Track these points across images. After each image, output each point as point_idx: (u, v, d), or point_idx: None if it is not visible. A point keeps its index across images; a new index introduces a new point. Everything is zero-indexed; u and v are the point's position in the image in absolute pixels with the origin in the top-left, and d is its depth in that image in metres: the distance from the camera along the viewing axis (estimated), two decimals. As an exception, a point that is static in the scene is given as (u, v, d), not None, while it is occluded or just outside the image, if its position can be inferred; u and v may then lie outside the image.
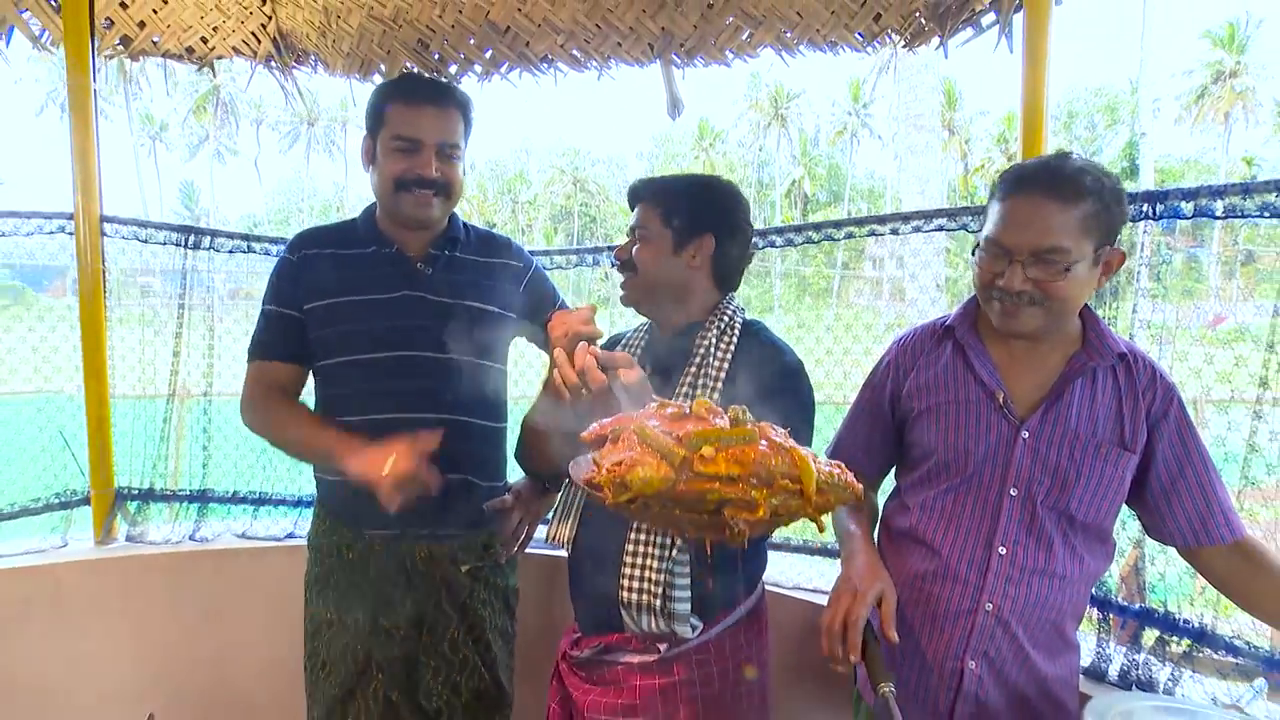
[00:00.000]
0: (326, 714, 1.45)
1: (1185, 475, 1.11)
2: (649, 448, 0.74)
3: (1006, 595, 1.12)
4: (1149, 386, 1.12)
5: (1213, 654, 1.24)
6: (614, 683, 1.27)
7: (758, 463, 0.72)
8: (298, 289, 1.46)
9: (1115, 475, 1.11)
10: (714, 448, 0.73)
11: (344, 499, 1.46)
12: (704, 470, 0.72)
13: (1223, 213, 1.24)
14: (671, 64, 2.22)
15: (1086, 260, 1.05)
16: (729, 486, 0.72)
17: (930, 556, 1.18)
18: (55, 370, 2.09)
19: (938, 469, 1.19)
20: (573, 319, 1.14)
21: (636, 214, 1.34)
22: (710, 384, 1.24)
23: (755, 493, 0.72)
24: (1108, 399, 1.13)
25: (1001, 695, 1.14)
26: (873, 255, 22.08)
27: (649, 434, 0.75)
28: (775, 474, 0.72)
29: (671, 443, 0.73)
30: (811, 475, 0.73)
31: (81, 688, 1.92)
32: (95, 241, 1.95)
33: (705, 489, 0.72)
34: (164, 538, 2.05)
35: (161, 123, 46.37)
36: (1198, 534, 1.10)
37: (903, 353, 1.29)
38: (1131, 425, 1.11)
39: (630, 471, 0.72)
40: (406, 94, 1.43)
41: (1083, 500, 1.11)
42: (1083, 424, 1.11)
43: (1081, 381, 1.13)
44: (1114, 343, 1.14)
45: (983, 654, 1.13)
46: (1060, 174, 1.05)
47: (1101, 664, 1.37)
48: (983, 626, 1.13)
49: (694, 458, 0.73)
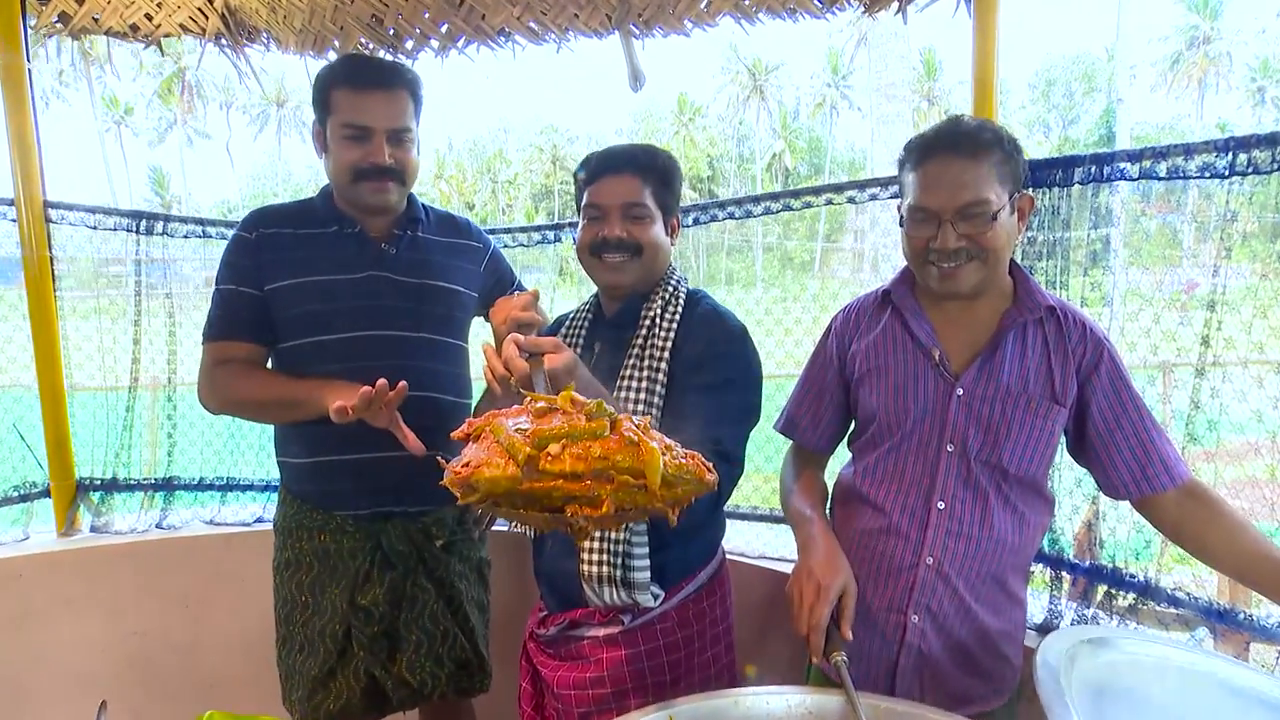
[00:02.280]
0: (309, 695, 1.45)
1: (1122, 426, 1.13)
2: (500, 446, 0.74)
3: (946, 549, 1.15)
4: (1080, 341, 1.14)
5: (1156, 606, 1.28)
6: (580, 657, 1.28)
7: (602, 458, 0.72)
8: (259, 268, 1.43)
9: (1045, 428, 1.13)
10: (560, 445, 0.73)
11: (312, 481, 1.47)
12: (549, 468, 0.72)
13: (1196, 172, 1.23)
14: (630, 35, 2.18)
15: (1005, 208, 1.10)
16: (573, 484, 0.72)
17: (875, 514, 1.21)
18: (10, 361, 2.05)
19: (880, 430, 1.22)
20: (514, 304, 1.13)
21: (624, 188, 1.28)
22: (657, 354, 1.25)
23: (600, 489, 0.72)
24: (1038, 354, 1.15)
25: (943, 647, 1.16)
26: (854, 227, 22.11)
27: (500, 432, 0.75)
28: (619, 469, 0.72)
29: (519, 441, 0.73)
30: (656, 469, 0.72)
31: (48, 680, 1.91)
32: (39, 228, 1.89)
33: (550, 487, 0.72)
34: (130, 527, 2.03)
35: (126, 106, 45.07)
36: (1139, 483, 1.12)
37: (845, 321, 1.31)
38: (1061, 378, 1.13)
39: (476, 472, 0.73)
40: (352, 78, 1.39)
41: (1014, 453, 1.13)
42: (1014, 379, 1.14)
43: (1013, 337, 1.15)
44: (1042, 297, 1.16)
45: (925, 607, 1.16)
46: (962, 133, 1.11)
47: (1054, 619, 1.41)
48: (924, 580, 1.16)
49: (540, 456, 0.73)
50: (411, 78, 1.45)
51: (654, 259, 1.30)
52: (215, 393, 1.44)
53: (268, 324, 1.44)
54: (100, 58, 2.67)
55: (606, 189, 1.28)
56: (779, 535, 1.88)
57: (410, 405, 1.33)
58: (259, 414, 1.53)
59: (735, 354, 1.26)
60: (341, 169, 1.40)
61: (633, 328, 1.29)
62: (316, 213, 1.48)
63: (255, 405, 1.45)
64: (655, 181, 1.30)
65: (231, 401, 1.45)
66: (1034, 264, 1.41)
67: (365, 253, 1.45)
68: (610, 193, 1.28)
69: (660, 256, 1.32)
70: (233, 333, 1.44)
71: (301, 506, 1.48)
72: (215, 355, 1.44)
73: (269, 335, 1.45)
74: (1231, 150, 1.17)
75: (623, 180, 1.28)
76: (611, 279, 1.30)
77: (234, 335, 1.43)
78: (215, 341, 1.44)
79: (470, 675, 1.53)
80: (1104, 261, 1.39)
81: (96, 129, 43.16)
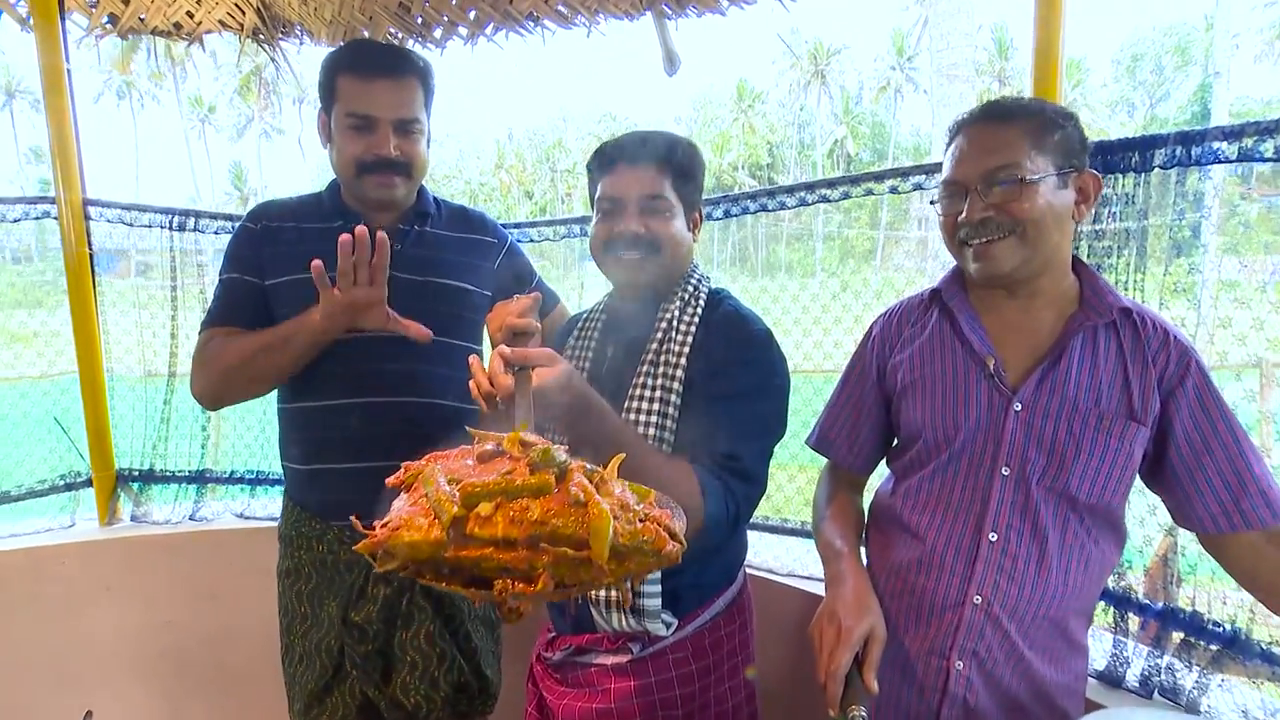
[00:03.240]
0: (305, 709, 1.42)
1: (1212, 450, 0.96)
2: (426, 502, 0.62)
3: (998, 587, 1.01)
4: (1160, 350, 0.98)
5: (1245, 662, 1.10)
6: (588, 685, 1.20)
7: (539, 523, 0.59)
8: (260, 260, 1.38)
9: (1122, 450, 0.98)
10: (492, 505, 0.60)
11: (310, 489, 1.43)
12: (479, 533, 0.59)
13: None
14: (663, 15, 2.06)
15: (1048, 180, 0.97)
16: (504, 553, 0.59)
17: (915, 545, 1.07)
18: (57, 353, 2.12)
19: (925, 449, 1.08)
20: (511, 310, 1.04)
21: (641, 179, 1.17)
22: (673, 360, 1.14)
23: (536, 560, 0.59)
24: (1111, 364, 0.99)
25: (993, 701, 1.02)
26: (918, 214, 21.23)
27: (429, 484, 0.63)
28: (558, 537, 0.59)
29: (446, 498, 0.61)
30: (604, 539, 0.58)
31: (89, 663, 1.97)
32: (79, 226, 1.93)
33: (479, 555, 0.60)
34: (165, 518, 2.08)
35: (210, 105, 47.57)
36: (1230, 517, 0.95)
37: (888, 325, 1.17)
38: (1141, 393, 0.97)
39: (394, 536, 0.60)
40: (357, 65, 1.32)
41: (1084, 479, 0.98)
42: (1083, 393, 0.99)
43: (1081, 344, 1.00)
44: (1114, 298, 1.01)
45: (971, 652, 1.02)
46: (995, 104, 1.04)
47: (1119, 667, 1.23)
48: (970, 621, 1.02)
49: (469, 518, 0.60)
50: (421, 66, 1.37)
51: (674, 256, 1.18)
52: (205, 373, 1.34)
53: (266, 315, 1.36)
54: (180, 58, 2.69)
55: (622, 181, 1.17)
56: (811, 550, 1.74)
57: (415, 412, 1.28)
58: (249, 373, 1.34)
59: (757, 360, 1.14)
60: (345, 161, 1.34)
61: (648, 331, 1.18)
62: (322, 206, 1.43)
63: (242, 366, 1.31)
64: (675, 172, 1.18)
65: (220, 373, 1.32)
66: (1102, 260, 1.23)
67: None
68: (626, 185, 1.17)
69: (681, 253, 1.20)
70: (230, 320, 1.36)
71: (301, 514, 1.44)
72: (207, 340, 1.36)
73: (269, 324, 1.36)
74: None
75: (639, 171, 1.17)
76: (627, 277, 1.19)
77: (232, 323, 1.36)
78: (211, 328, 1.37)
79: (470, 699, 1.47)
80: (1191, 254, 1.19)
81: (184, 127, 45.79)
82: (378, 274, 1.18)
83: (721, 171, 43.11)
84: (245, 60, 40.46)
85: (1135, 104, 38.09)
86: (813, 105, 44.31)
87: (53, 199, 1.94)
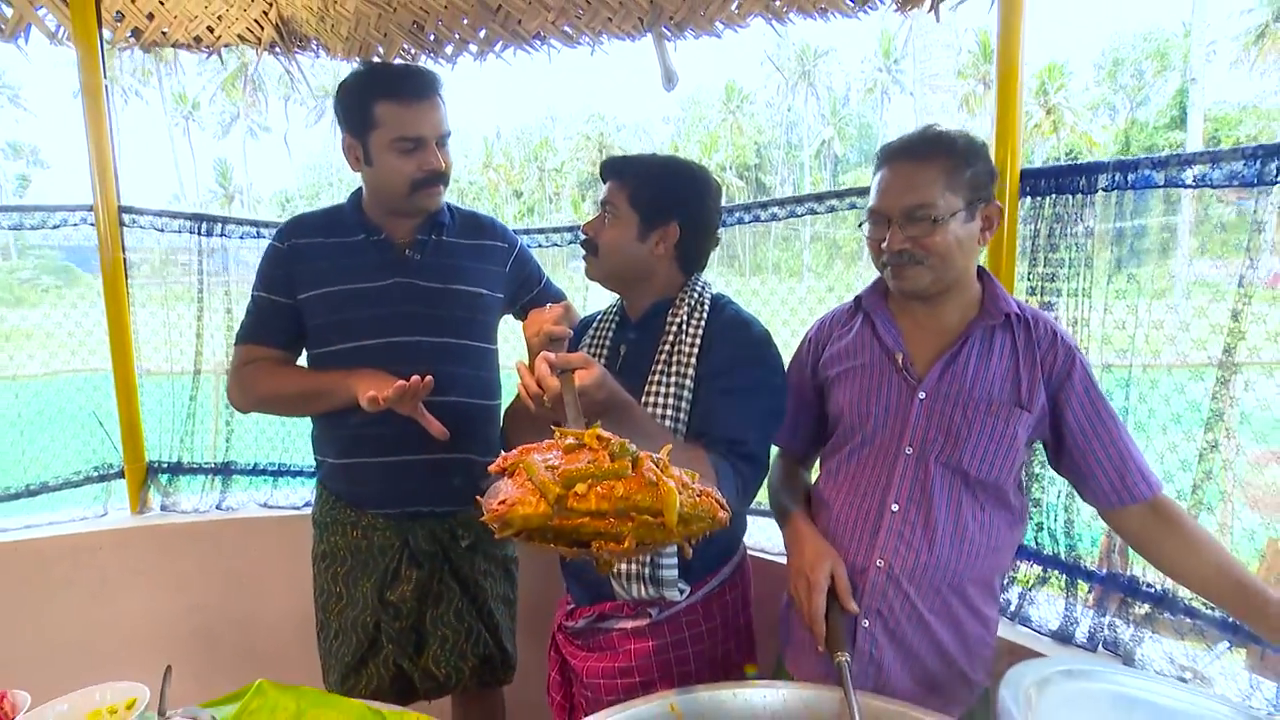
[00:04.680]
0: (342, 679, 1.55)
1: (1099, 435, 1.12)
2: (531, 484, 0.81)
3: (897, 552, 1.15)
4: (1050, 349, 1.15)
5: (1172, 617, 1.27)
6: (609, 648, 1.34)
7: (624, 498, 0.79)
8: (290, 277, 1.50)
9: (1008, 431, 1.13)
10: (586, 485, 0.79)
11: (345, 481, 1.55)
12: (577, 507, 0.79)
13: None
14: (663, 37, 2.21)
15: (958, 215, 1.11)
16: (598, 521, 0.79)
17: (832, 516, 1.23)
18: (90, 352, 2.23)
19: (844, 432, 1.25)
20: (546, 317, 1.17)
21: (606, 190, 1.34)
22: (684, 360, 1.28)
23: (622, 526, 0.79)
24: (1005, 360, 1.15)
25: (898, 659, 1.17)
26: (904, 217, 21.39)
27: (532, 470, 0.82)
28: (639, 509, 0.79)
29: (550, 481, 0.80)
30: (673, 509, 0.78)
31: (122, 645, 2.09)
32: (114, 231, 2.05)
33: (578, 524, 0.79)
34: (193, 507, 2.20)
35: (194, 101, 47.06)
36: (1119, 492, 1.12)
37: (821, 328, 1.35)
38: (1028, 385, 1.14)
39: (511, 510, 0.79)
40: (397, 91, 1.41)
41: (975, 456, 1.13)
42: (978, 383, 1.15)
43: (979, 342, 1.16)
44: (1005, 303, 1.17)
45: (876, 612, 1.16)
46: (915, 141, 1.16)
47: (1069, 627, 1.41)
48: (875, 583, 1.16)
49: (569, 495, 0.79)
50: (440, 81, 1.48)
51: (609, 258, 1.35)
52: (244, 391, 1.52)
53: (295, 331, 1.52)
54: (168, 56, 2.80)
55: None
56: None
57: (434, 409, 1.37)
58: (287, 407, 1.60)
59: (760, 358, 1.30)
60: (399, 181, 1.43)
61: (658, 332, 1.33)
62: (345, 221, 1.53)
63: (282, 399, 1.52)
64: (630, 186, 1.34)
65: (259, 397, 1.52)
66: (1056, 270, 1.40)
67: (388, 259, 1.49)
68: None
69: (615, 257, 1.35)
70: (261, 338, 1.51)
71: (336, 502, 1.55)
72: (244, 357, 1.52)
73: (296, 342, 1.53)
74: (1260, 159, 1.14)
75: (610, 184, 1.34)
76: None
77: (262, 340, 1.51)
78: (245, 344, 1.53)
79: (493, 669, 1.61)
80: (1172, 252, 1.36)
81: (167, 124, 45.31)
82: (418, 399, 1.32)
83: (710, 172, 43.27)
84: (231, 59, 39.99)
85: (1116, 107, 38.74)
86: (800, 106, 44.65)
87: (90, 206, 2.05)
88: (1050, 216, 1.39)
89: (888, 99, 42.54)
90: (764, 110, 46.38)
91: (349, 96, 1.44)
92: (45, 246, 2.11)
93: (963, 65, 22.12)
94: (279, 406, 1.61)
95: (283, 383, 1.49)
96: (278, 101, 47.83)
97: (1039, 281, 1.43)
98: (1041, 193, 1.41)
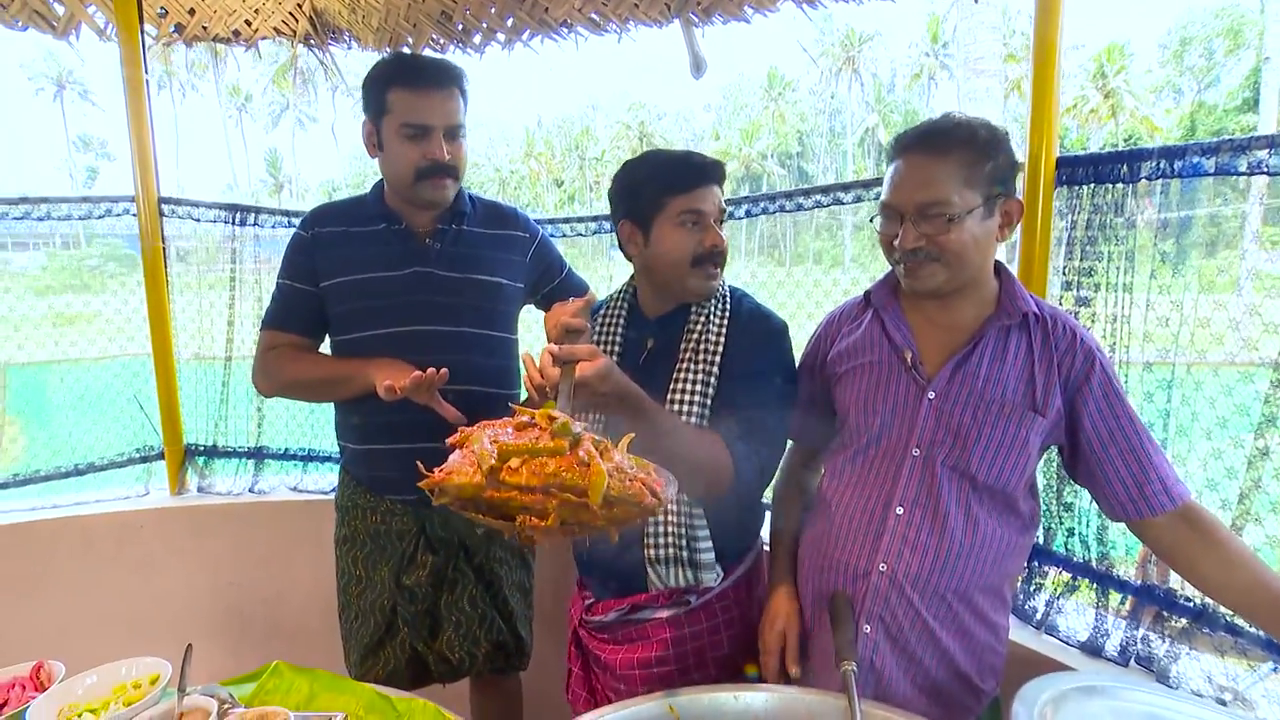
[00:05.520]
0: (361, 659, 1.59)
1: (1116, 442, 1.06)
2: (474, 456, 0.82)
3: (901, 558, 1.11)
4: (1068, 350, 1.08)
5: (1211, 634, 1.20)
6: (643, 638, 1.34)
7: (552, 475, 0.79)
8: (313, 265, 1.52)
9: (1019, 436, 1.08)
10: (520, 460, 0.80)
11: (365, 467, 1.58)
12: (509, 480, 0.80)
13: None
14: (690, 23, 2.17)
15: (975, 211, 1.05)
16: (526, 496, 0.79)
17: (834, 517, 1.19)
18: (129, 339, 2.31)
19: (850, 432, 1.20)
20: (566, 310, 1.17)
21: (717, 197, 1.30)
22: (710, 353, 1.29)
23: (547, 503, 0.79)
24: (1020, 361, 1.09)
25: (901, 665, 1.12)
26: (950, 206, 20.77)
27: (475, 442, 0.84)
28: (564, 486, 0.79)
29: (487, 453, 0.81)
30: (599, 490, 0.78)
31: (164, 618, 2.18)
32: (154, 223, 2.12)
33: (508, 497, 0.80)
34: (227, 489, 2.28)
35: (247, 94, 48.57)
36: (1137, 504, 1.05)
37: (830, 324, 1.31)
38: (1043, 388, 1.07)
39: (447, 478, 0.81)
40: (410, 79, 1.42)
41: (983, 460, 1.08)
42: (990, 385, 1.09)
43: (993, 342, 1.10)
44: (1023, 302, 1.10)
45: (878, 617, 1.12)
46: (933, 131, 1.09)
47: (1099, 639, 1.34)
48: (877, 588, 1.12)
49: (502, 468, 0.80)
50: (460, 74, 1.48)
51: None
52: (268, 375, 1.55)
53: (318, 318, 1.54)
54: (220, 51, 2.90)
55: (705, 196, 1.28)
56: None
57: (452, 398, 1.38)
58: (308, 393, 1.64)
59: (779, 348, 1.33)
60: (404, 167, 1.44)
61: (681, 327, 1.33)
62: (367, 210, 1.54)
63: (303, 385, 1.55)
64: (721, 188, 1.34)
65: (282, 382, 1.55)
66: (1094, 264, 1.32)
67: (409, 249, 1.50)
68: (708, 200, 1.28)
69: None
70: (285, 324, 1.54)
71: (357, 488, 1.59)
72: (268, 342, 1.55)
73: (319, 329, 1.56)
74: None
75: (714, 189, 1.30)
76: (709, 288, 1.31)
77: (285, 327, 1.54)
78: (269, 330, 1.56)
79: (506, 655, 1.62)
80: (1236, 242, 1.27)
81: (221, 116, 46.90)
82: (434, 389, 1.34)
83: (750, 160, 42.78)
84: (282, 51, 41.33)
85: (1182, 89, 36.77)
86: (844, 93, 43.65)
87: (132, 197, 2.13)
88: (1089, 207, 1.32)
89: (935, 85, 41.24)
90: (807, 97, 45.52)
91: (370, 82, 1.47)
92: (111, 235, 2.19)
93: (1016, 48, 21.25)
94: (301, 392, 1.64)
95: (305, 369, 1.52)
96: (325, 93, 49.01)
97: (1076, 276, 1.35)
98: (1079, 181, 1.33)
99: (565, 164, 48.91)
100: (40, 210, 2.09)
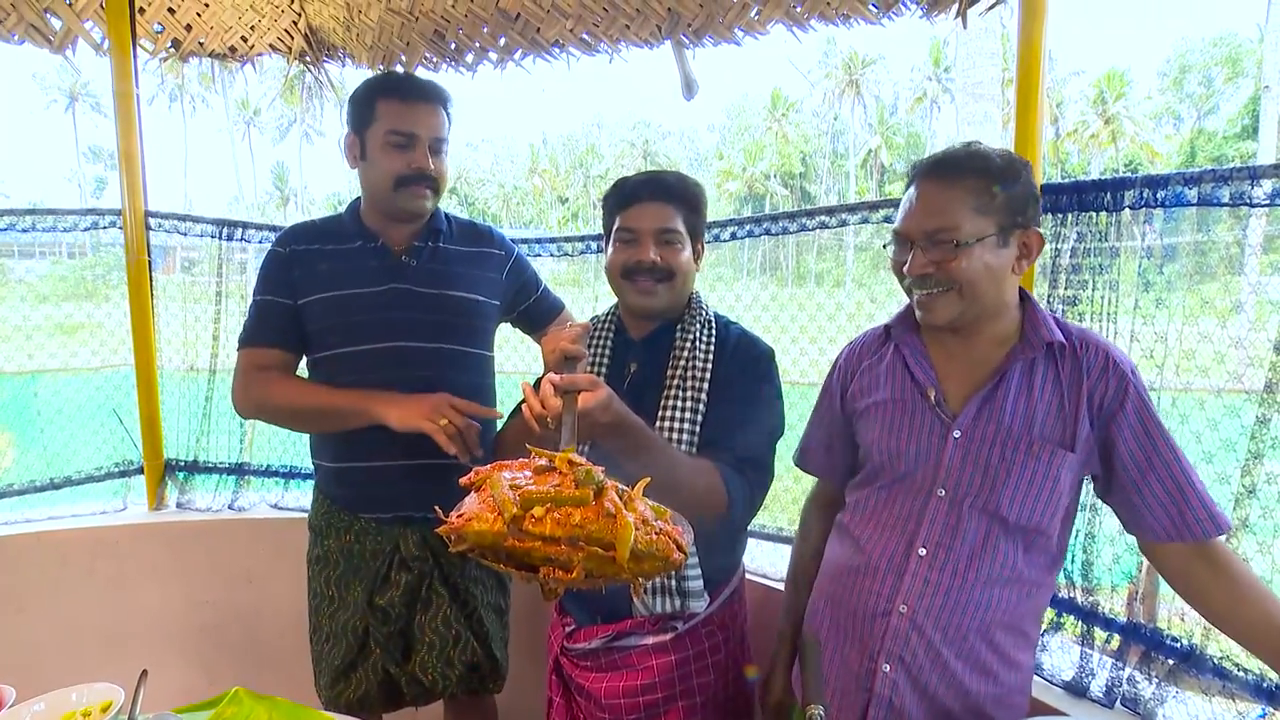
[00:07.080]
0: (332, 682, 1.55)
1: (1155, 469, 1.02)
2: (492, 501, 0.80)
3: (922, 598, 1.08)
4: (1100, 376, 1.04)
5: (1199, 675, 1.16)
6: (628, 666, 1.32)
7: (578, 526, 0.77)
8: (291, 282, 1.50)
9: (1049, 475, 1.04)
10: (544, 509, 0.78)
11: (339, 485, 1.55)
12: (532, 530, 0.77)
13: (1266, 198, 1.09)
14: (681, 44, 2.18)
15: (987, 240, 1.03)
16: (550, 546, 0.77)
17: (855, 553, 1.16)
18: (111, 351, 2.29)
19: (874, 469, 1.17)
20: (564, 337, 1.15)
21: (660, 215, 1.30)
22: (697, 380, 1.29)
23: (573, 555, 0.76)
24: (1048, 394, 1.06)
25: (919, 705, 1.09)
26: (951, 228, 20.84)
27: (495, 487, 0.80)
28: (590, 540, 0.76)
29: (509, 500, 0.78)
30: (626, 544, 0.76)
31: (138, 635, 2.14)
32: (140, 235, 2.11)
33: (530, 547, 0.77)
34: (207, 506, 2.24)
35: (255, 108, 49.09)
36: (1178, 528, 1.01)
37: (850, 356, 1.28)
38: (1074, 422, 1.04)
39: (466, 525, 0.79)
40: (400, 91, 1.45)
41: (1013, 501, 1.05)
42: (1018, 420, 1.06)
43: (1019, 375, 1.07)
44: (1048, 331, 1.07)
45: (897, 658, 1.09)
46: (946, 159, 1.08)
47: (1084, 679, 1.30)
48: (896, 628, 1.09)
49: (525, 517, 0.78)
50: (448, 96, 1.50)
51: (684, 284, 1.34)
52: (248, 396, 1.50)
53: (298, 333, 1.51)
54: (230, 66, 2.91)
55: (641, 214, 1.31)
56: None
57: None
58: (294, 421, 1.58)
59: (765, 374, 1.33)
60: (384, 175, 1.45)
61: (667, 351, 1.33)
62: (344, 227, 1.54)
63: (288, 412, 1.50)
64: (686, 208, 1.33)
65: (264, 406, 1.50)
66: (1078, 292, 1.30)
67: (386, 266, 1.50)
68: (645, 218, 1.31)
69: (688, 281, 1.36)
70: (265, 340, 1.50)
71: (331, 506, 1.56)
72: (249, 360, 1.50)
73: (298, 343, 1.52)
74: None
75: (657, 207, 1.31)
76: (643, 303, 1.33)
77: (266, 342, 1.50)
78: (249, 348, 1.51)
79: (481, 677, 1.58)
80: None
81: (229, 129, 47.39)
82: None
83: (754, 180, 43.04)
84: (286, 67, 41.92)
85: (1182, 116, 37.05)
86: (847, 115, 44.03)
87: (119, 210, 2.12)
88: (1072, 235, 1.30)
89: (937, 108, 41.58)
90: (810, 119, 45.90)
91: (359, 95, 1.49)
92: (117, 245, 2.16)
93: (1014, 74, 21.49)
94: (285, 418, 1.57)
95: (293, 395, 1.47)
96: (332, 107, 49.51)
97: (1059, 305, 1.33)
98: (1063, 209, 1.31)
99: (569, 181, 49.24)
100: (25, 222, 2.08)
